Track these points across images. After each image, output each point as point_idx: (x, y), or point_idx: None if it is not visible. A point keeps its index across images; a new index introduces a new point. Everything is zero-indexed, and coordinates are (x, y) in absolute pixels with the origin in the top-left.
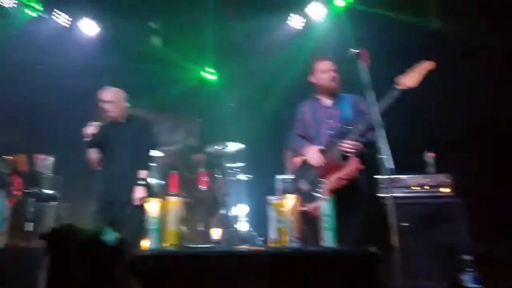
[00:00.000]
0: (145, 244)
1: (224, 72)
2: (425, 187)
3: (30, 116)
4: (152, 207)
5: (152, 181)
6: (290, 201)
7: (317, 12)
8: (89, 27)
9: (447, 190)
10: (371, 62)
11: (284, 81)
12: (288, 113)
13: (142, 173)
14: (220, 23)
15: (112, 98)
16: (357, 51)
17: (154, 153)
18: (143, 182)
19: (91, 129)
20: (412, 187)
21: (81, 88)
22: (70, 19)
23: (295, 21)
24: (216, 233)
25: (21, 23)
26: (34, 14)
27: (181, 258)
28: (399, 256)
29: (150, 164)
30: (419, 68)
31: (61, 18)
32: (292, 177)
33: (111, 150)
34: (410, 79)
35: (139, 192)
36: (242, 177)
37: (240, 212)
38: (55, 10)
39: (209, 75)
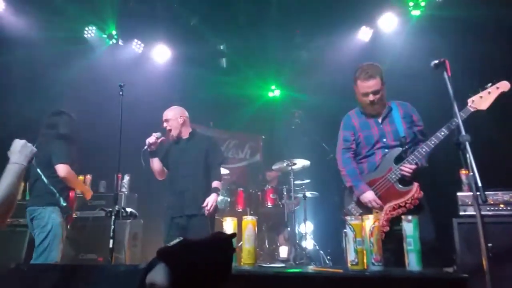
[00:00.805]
0: None
1: (289, 88)
2: None
3: (107, 137)
4: (228, 226)
5: (218, 198)
6: (370, 222)
7: (388, 23)
8: (161, 52)
9: None
10: (452, 72)
11: (351, 96)
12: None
13: (215, 183)
14: (286, 39)
15: (170, 116)
16: (440, 61)
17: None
18: (217, 191)
19: (152, 139)
20: (500, 205)
21: (154, 110)
22: (142, 44)
23: (364, 33)
24: (283, 251)
25: (100, 50)
26: (111, 42)
27: (257, 278)
28: (488, 280)
29: (221, 177)
30: (493, 90)
31: (135, 45)
32: (343, 198)
33: (175, 166)
34: (482, 101)
35: (212, 197)
36: (308, 194)
37: (306, 230)
38: (125, 37)
39: (274, 92)
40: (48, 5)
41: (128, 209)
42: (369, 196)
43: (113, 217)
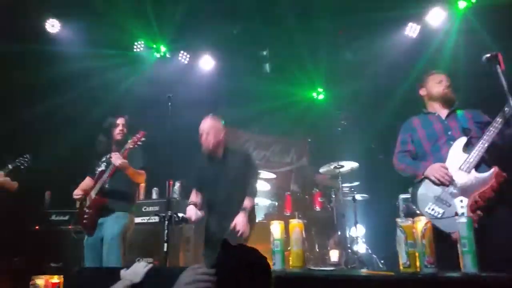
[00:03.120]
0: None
1: (334, 90)
2: None
3: (157, 145)
4: (275, 229)
5: (266, 202)
6: (422, 224)
7: (436, 18)
8: (206, 62)
9: None
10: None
11: (399, 94)
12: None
13: (247, 201)
14: (329, 41)
15: (209, 129)
16: (492, 55)
17: (266, 175)
18: (246, 211)
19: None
20: None
21: (201, 118)
22: (188, 56)
23: (411, 30)
24: (334, 255)
25: (149, 63)
26: (159, 55)
27: (306, 280)
28: None
29: (256, 193)
30: None
31: (181, 56)
32: (415, 201)
33: (212, 188)
34: None
35: (239, 218)
36: (358, 197)
37: (358, 233)
38: (171, 49)
39: (318, 94)
40: (101, 24)
41: (180, 214)
42: (435, 166)
43: (166, 222)
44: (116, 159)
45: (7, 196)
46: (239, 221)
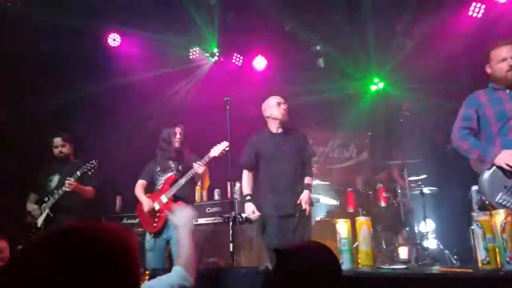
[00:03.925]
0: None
1: (393, 80)
2: None
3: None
4: (342, 228)
5: (327, 199)
6: (500, 217)
7: None
8: (259, 62)
9: None
10: None
11: (465, 81)
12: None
13: (308, 179)
14: (386, 29)
15: (284, 101)
16: None
17: (327, 171)
18: (309, 188)
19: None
20: None
21: (257, 118)
22: (241, 57)
23: (475, 10)
24: (403, 252)
25: (205, 68)
26: (214, 59)
27: (379, 280)
28: None
29: (313, 172)
30: None
31: (235, 58)
32: (483, 191)
33: (272, 162)
34: None
35: (306, 195)
36: (426, 190)
37: (427, 228)
38: (224, 52)
39: (377, 85)
40: (157, 33)
41: (244, 215)
42: (507, 153)
43: (231, 223)
44: (199, 167)
45: (80, 201)
46: (305, 198)
